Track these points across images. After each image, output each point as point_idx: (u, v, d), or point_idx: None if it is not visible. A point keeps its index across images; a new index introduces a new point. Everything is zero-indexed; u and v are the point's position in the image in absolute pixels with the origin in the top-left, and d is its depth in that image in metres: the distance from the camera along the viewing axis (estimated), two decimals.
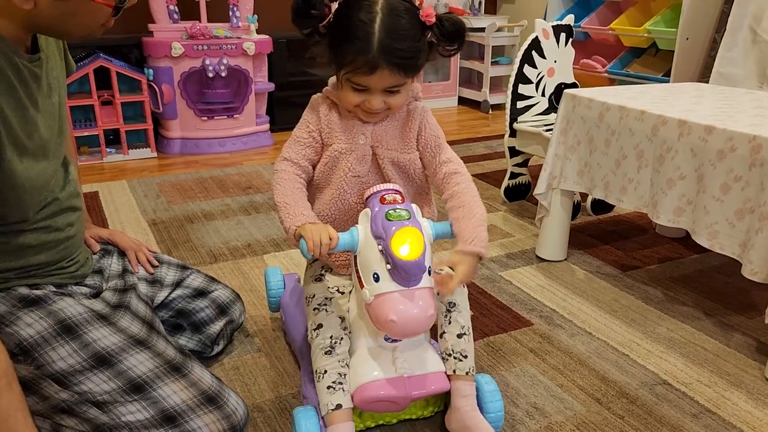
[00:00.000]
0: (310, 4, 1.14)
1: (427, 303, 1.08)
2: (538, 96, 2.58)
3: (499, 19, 4.75)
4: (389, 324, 1.06)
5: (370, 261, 1.10)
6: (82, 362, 1.13)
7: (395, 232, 1.07)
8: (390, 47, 1.10)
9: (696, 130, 1.57)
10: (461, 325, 1.27)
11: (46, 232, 1.19)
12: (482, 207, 1.24)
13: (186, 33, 3.37)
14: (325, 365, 1.21)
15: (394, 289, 1.07)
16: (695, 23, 3.12)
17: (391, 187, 1.18)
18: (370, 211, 1.14)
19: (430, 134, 1.30)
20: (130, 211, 2.62)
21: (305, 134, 1.28)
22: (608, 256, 2.19)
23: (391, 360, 1.19)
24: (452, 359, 1.25)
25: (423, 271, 1.08)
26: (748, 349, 1.63)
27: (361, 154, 1.26)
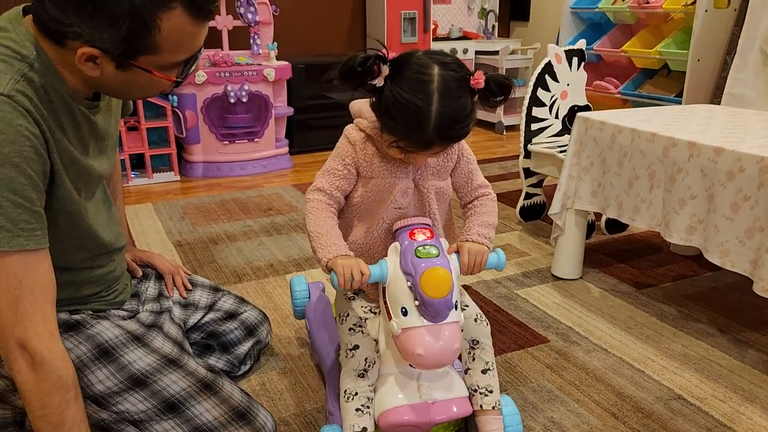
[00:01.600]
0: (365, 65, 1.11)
1: (453, 338, 1.12)
2: (552, 118, 2.64)
3: (512, 42, 4.84)
4: (416, 357, 1.11)
5: (399, 295, 1.14)
6: (119, 384, 1.20)
7: (424, 270, 1.10)
8: (446, 131, 1.12)
9: (705, 151, 1.62)
10: (485, 362, 1.30)
11: (89, 270, 1.25)
12: (496, 218, 1.33)
13: (209, 60, 3.49)
14: (356, 388, 1.23)
15: (421, 324, 1.11)
16: (706, 45, 3.17)
17: (420, 222, 1.22)
18: (399, 245, 1.18)
19: (466, 162, 1.34)
20: (156, 233, 2.71)
21: (341, 166, 1.26)
22: (623, 274, 2.23)
23: (415, 386, 1.23)
24: (478, 395, 1.28)
25: (450, 309, 1.12)
26: (762, 365, 1.66)
27: (404, 188, 1.27)
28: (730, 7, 3.15)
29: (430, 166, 1.29)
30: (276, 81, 3.66)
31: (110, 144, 1.28)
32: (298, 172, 3.74)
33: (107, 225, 1.29)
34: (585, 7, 3.99)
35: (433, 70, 1.11)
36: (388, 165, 1.25)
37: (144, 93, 1.14)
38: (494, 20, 5.07)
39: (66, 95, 1.07)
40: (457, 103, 1.11)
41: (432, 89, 1.09)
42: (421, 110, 1.09)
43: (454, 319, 1.14)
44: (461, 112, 1.12)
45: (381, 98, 1.14)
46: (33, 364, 1.01)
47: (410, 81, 1.11)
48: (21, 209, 0.98)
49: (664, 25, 3.67)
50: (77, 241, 1.19)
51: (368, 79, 1.12)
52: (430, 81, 1.10)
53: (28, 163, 0.98)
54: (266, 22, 3.67)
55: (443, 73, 1.11)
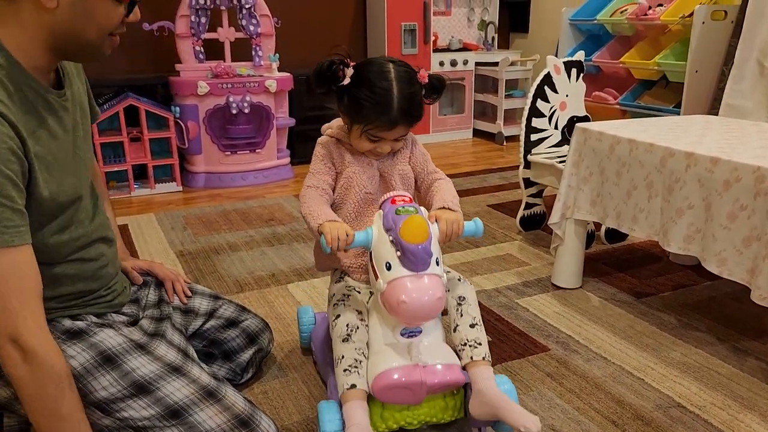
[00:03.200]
0: (330, 69, 1.36)
1: (435, 287, 1.20)
2: (551, 129, 2.67)
3: (511, 53, 4.88)
4: (401, 306, 1.18)
5: (383, 252, 1.23)
6: (123, 390, 1.21)
7: (403, 221, 1.21)
8: (407, 109, 1.35)
9: (702, 161, 1.65)
10: (472, 316, 1.38)
11: (80, 263, 1.27)
12: (455, 193, 1.43)
13: (211, 72, 3.52)
14: (342, 351, 1.31)
15: (404, 274, 1.19)
16: (704, 56, 3.21)
17: (400, 193, 1.34)
18: (382, 210, 1.28)
19: (419, 152, 1.53)
20: (159, 243, 2.72)
21: (321, 165, 1.47)
22: (623, 283, 2.25)
23: (407, 351, 1.27)
24: (468, 347, 1.34)
25: (430, 256, 1.21)
26: (761, 373, 1.68)
27: (370, 174, 1.45)
28: (726, 19, 3.18)
29: (389, 155, 1.47)
30: (277, 92, 3.69)
31: (85, 143, 1.31)
32: (300, 183, 3.75)
33: (91, 217, 1.31)
34: (584, 18, 4.03)
35: (389, 66, 1.36)
36: (357, 158, 1.45)
37: (100, 30, 1.13)
38: (494, 32, 5.12)
39: (33, 86, 1.11)
40: (412, 88, 1.36)
41: (391, 78, 1.34)
42: (387, 92, 1.33)
43: (436, 271, 1.22)
44: (416, 96, 1.37)
45: (349, 95, 1.37)
46: (26, 358, 1.04)
47: (374, 74, 1.35)
48: (2, 207, 1.01)
49: (662, 36, 3.70)
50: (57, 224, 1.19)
51: (336, 83, 1.37)
52: (389, 72, 1.35)
53: (6, 164, 1.02)
54: (268, 34, 3.71)
55: (397, 68, 1.36)
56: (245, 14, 3.60)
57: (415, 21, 4.46)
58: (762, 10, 2.90)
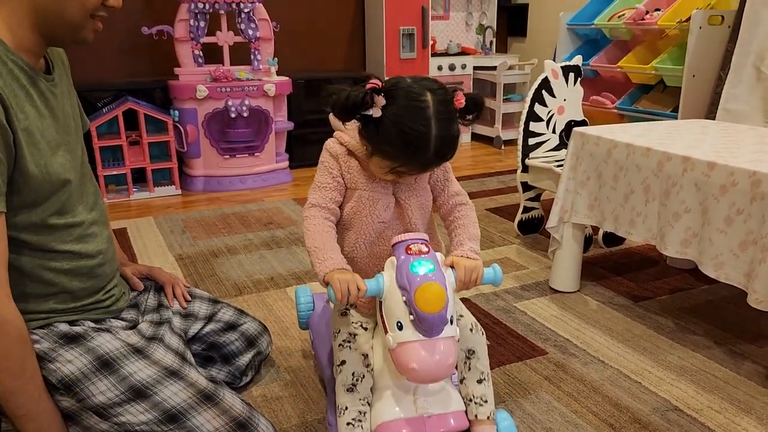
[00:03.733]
0: (363, 101, 1.16)
1: (448, 352, 1.13)
2: (549, 133, 2.68)
3: (510, 57, 4.90)
4: (411, 372, 1.12)
5: (394, 310, 1.14)
6: (120, 395, 1.21)
7: (419, 285, 1.11)
8: (443, 152, 1.19)
9: (699, 165, 1.66)
10: (480, 371, 1.32)
11: (77, 258, 1.27)
12: (478, 228, 1.35)
13: (210, 76, 3.53)
14: (346, 402, 1.25)
15: (416, 339, 1.12)
16: (701, 61, 3.22)
17: (417, 237, 1.22)
18: (396, 260, 1.19)
19: (443, 171, 1.38)
20: (158, 246, 2.73)
21: (329, 179, 1.31)
22: (620, 287, 2.26)
23: (412, 400, 1.23)
24: (473, 404, 1.30)
25: (444, 324, 1.13)
26: (758, 377, 1.68)
27: (386, 202, 1.30)
28: (723, 24, 3.20)
29: (408, 180, 1.31)
30: (276, 96, 3.70)
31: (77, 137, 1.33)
32: (298, 186, 3.77)
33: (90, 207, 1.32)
34: (581, 23, 4.05)
35: (426, 96, 1.16)
36: (370, 180, 1.30)
37: (80, 6, 1.15)
38: (492, 36, 5.13)
39: (21, 65, 1.15)
40: (450, 125, 1.19)
41: (429, 115, 1.15)
42: (424, 136, 1.15)
43: (450, 334, 1.14)
44: (454, 133, 1.20)
45: (378, 128, 1.18)
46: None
47: (409, 109, 1.16)
48: None
49: (660, 41, 3.72)
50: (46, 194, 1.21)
51: (362, 110, 1.17)
52: (427, 107, 1.15)
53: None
54: (267, 38, 3.72)
55: (436, 100, 1.17)
56: (244, 18, 3.61)
57: (413, 25, 4.47)
58: (758, 16, 2.92)
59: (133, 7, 3.86)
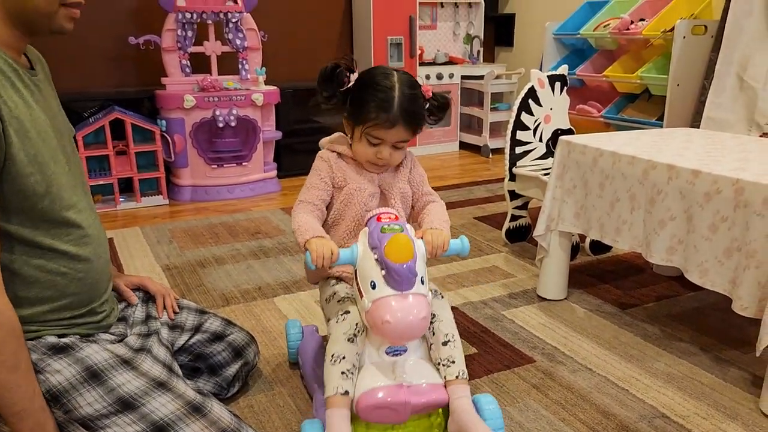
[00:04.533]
0: (336, 72, 1.41)
1: (420, 306, 1.18)
2: (536, 142, 2.69)
3: (497, 67, 4.93)
4: (385, 325, 1.16)
5: (368, 270, 1.22)
6: (108, 407, 1.20)
7: (388, 239, 1.19)
8: (408, 109, 1.37)
9: (683, 173, 1.67)
10: (444, 333, 1.35)
11: (75, 260, 1.26)
12: (447, 216, 1.46)
13: (197, 85, 3.53)
14: (345, 351, 1.27)
15: (389, 294, 1.18)
16: (685, 70, 3.26)
17: (386, 210, 1.32)
18: (368, 228, 1.28)
19: (418, 172, 1.54)
20: (145, 256, 2.71)
21: (318, 180, 1.46)
22: (607, 294, 2.27)
23: (391, 370, 1.26)
24: (442, 367, 1.32)
25: (415, 275, 1.19)
26: (743, 383, 1.69)
27: (371, 192, 1.46)
28: (707, 34, 3.24)
29: (389, 174, 1.49)
30: (264, 105, 3.70)
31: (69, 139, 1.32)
32: (286, 196, 3.76)
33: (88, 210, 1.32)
34: (567, 33, 4.09)
35: (392, 70, 1.41)
36: (358, 175, 1.46)
37: None
38: (479, 45, 5.17)
39: (4, 57, 1.15)
40: (414, 92, 1.39)
41: (394, 80, 1.39)
42: (390, 90, 1.36)
43: (421, 291, 1.20)
44: (418, 99, 1.40)
45: (352, 97, 1.41)
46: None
47: (378, 75, 1.40)
48: None
49: (645, 50, 3.76)
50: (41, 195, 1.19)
51: (340, 87, 1.42)
52: (392, 75, 1.40)
53: None
54: (254, 48, 3.72)
55: (401, 75, 1.41)
56: (232, 28, 3.61)
57: (401, 35, 4.50)
58: (740, 25, 2.96)
59: (120, 16, 3.86)
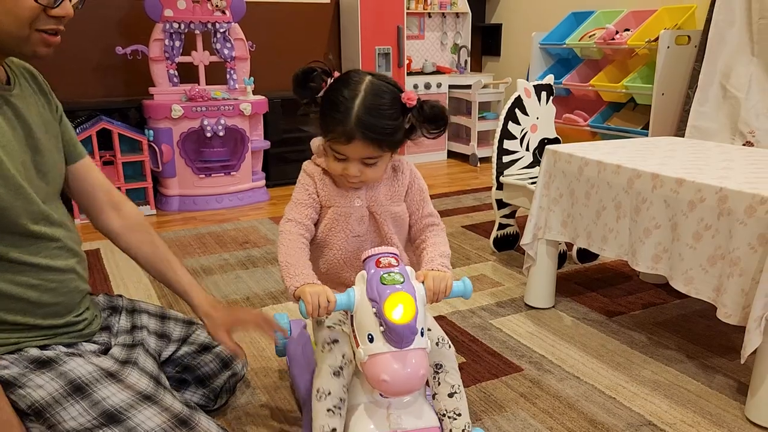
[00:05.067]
0: (308, 77, 1.28)
1: (419, 364, 1.14)
2: (523, 151, 2.71)
3: (484, 76, 4.96)
4: (382, 384, 1.13)
5: (365, 322, 1.16)
6: (92, 420, 1.19)
7: (388, 296, 1.13)
8: (365, 122, 1.22)
9: (668, 182, 1.69)
10: (451, 385, 1.32)
11: (47, 271, 1.25)
12: (448, 247, 1.36)
13: (185, 95, 3.52)
14: (330, 387, 1.23)
15: (386, 350, 1.13)
16: (669, 80, 3.30)
17: (386, 251, 1.24)
18: (366, 273, 1.21)
19: (418, 189, 1.42)
20: (132, 268, 2.69)
21: (305, 196, 1.36)
22: (594, 302, 2.28)
23: (385, 415, 1.23)
24: (447, 419, 1.29)
25: (414, 334, 1.14)
26: (729, 390, 1.71)
27: (359, 216, 1.36)
28: (690, 44, 3.28)
29: (381, 192, 1.37)
30: (252, 115, 3.70)
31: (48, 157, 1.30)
32: (275, 205, 3.76)
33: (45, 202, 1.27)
34: (553, 43, 4.12)
35: (365, 77, 1.27)
36: (344, 195, 1.35)
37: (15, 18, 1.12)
38: (467, 55, 5.20)
39: None
40: (380, 101, 1.24)
41: (360, 88, 1.24)
42: (346, 101, 1.23)
43: (420, 345, 1.15)
44: (385, 111, 1.24)
45: (321, 104, 1.28)
46: None
47: (343, 81, 1.27)
48: None
49: (630, 60, 3.80)
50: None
51: (317, 93, 1.29)
52: (360, 82, 1.26)
53: None
54: (242, 58, 3.73)
55: (374, 81, 1.26)
56: (220, 38, 3.61)
57: (389, 45, 4.52)
58: (722, 36, 3.00)
59: (107, 26, 3.85)
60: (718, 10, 3.03)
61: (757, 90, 2.90)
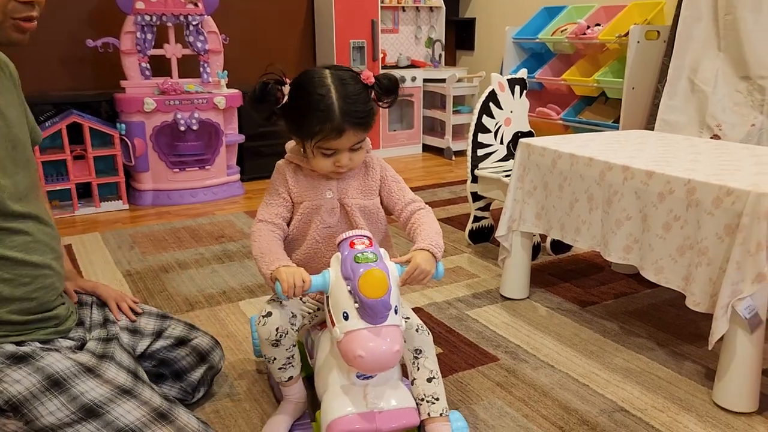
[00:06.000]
0: (265, 93, 1.32)
1: (393, 339, 1.17)
2: (497, 144, 2.74)
3: (458, 70, 4.99)
4: (358, 360, 1.15)
5: (340, 301, 1.19)
6: (71, 415, 1.18)
7: (362, 273, 1.17)
8: (350, 111, 1.28)
9: (638, 174, 1.73)
10: (429, 370, 1.35)
11: (21, 266, 1.24)
12: (438, 227, 1.39)
13: (158, 89, 3.48)
14: (274, 354, 1.39)
15: (362, 327, 1.16)
16: (640, 74, 3.36)
17: (360, 233, 1.28)
18: (340, 254, 1.24)
19: (392, 181, 1.46)
20: (105, 263, 2.66)
21: (276, 196, 1.42)
22: (568, 293, 2.32)
23: (362, 396, 1.25)
24: (425, 403, 1.33)
25: (388, 309, 1.17)
26: (697, 376, 1.76)
27: (330, 207, 1.40)
28: (659, 39, 3.35)
29: (352, 186, 1.42)
30: (226, 109, 3.67)
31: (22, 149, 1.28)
32: (250, 199, 3.74)
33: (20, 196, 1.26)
34: (526, 37, 4.17)
35: (325, 72, 1.31)
36: (315, 188, 1.40)
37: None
38: (441, 49, 5.22)
39: None
40: (352, 88, 1.30)
41: (328, 83, 1.29)
42: (326, 97, 1.27)
43: (394, 322, 1.19)
44: (358, 95, 1.30)
45: (291, 112, 1.32)
46: None
47: (309, 82, 1.30)
48: None
49: (601, 54, 3.86)
50: None
51: (276, 105, 1.33)
52: (325, 78, 1.30)
53: None
54: (216, 51, 3.70)
55: (335, 72, 1.31)
56: (192, 31, 3.58)
57: (363, 38, 4.52)
58: (690, 31, 3.07)
59: (77, 18, 3.79)
60: (686, 6, 3.10)
61: (723, 84, 2.97)
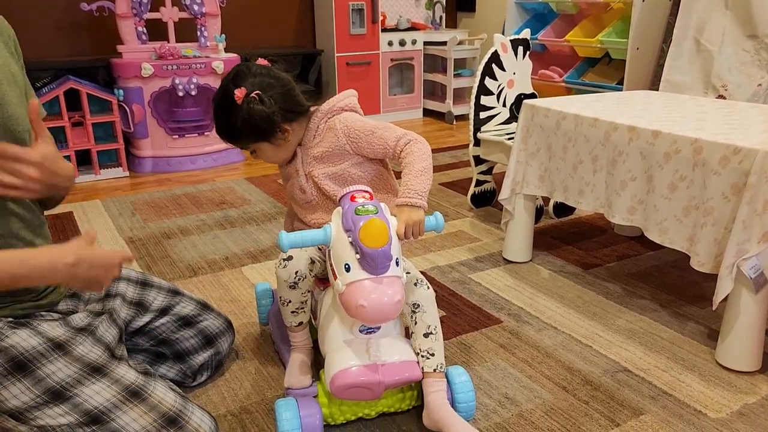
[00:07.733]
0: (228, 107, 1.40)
1: (394, 290, 1.18)
2: (500, 106, 2.71)
3: (459, 32, 4.91)
4: (360, 310, 1.16)
5: (342, 253, 1.20)
6: (36, 398, 1.14)
7: (363, 224, 1.17)
8: (222, 130, 1.41)
9: (644, 135, 1.71)
10: (427, 325, 1.36)
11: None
12: (424, 160, 1.35)
13: (155, 53, 3.43)
14: (290, 296, 1.42)
15: (363, 277, 1.17)
16: (644, 34, 3.30)
17: (360, 188, 1.29)
18: (341, 208, 1.25)
19: (366, 135, 1.40)
20: (107, 229, 2.66)
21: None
22: (570, 255, 2.32)
23: (365, 349, 1.26)
24: (420, 357, 1.34)
25: (389, 260, 1.18)
26: (700, 336, 1.76)
27: (299, 184, 1.47)
28: None
29: (312, 156, 1.44)
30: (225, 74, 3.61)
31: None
32: (250, 165, 3.72)
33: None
34: None
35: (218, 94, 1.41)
36: (287, 168, 1.49)
37: None
38: (441, 11, 5.13)
39: None
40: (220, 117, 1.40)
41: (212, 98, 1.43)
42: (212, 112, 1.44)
43: (396, 273, 1.20)
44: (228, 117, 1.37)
45: None
46: None
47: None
48: None
49: (605, 14, 3.78)
50: None
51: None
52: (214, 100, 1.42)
53: None
54: (213, 14, 3.62)
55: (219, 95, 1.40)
56: None
57: (362, 1, 4.43)
58: None
59: None
60: None
61: (729, 43, 2.92)
